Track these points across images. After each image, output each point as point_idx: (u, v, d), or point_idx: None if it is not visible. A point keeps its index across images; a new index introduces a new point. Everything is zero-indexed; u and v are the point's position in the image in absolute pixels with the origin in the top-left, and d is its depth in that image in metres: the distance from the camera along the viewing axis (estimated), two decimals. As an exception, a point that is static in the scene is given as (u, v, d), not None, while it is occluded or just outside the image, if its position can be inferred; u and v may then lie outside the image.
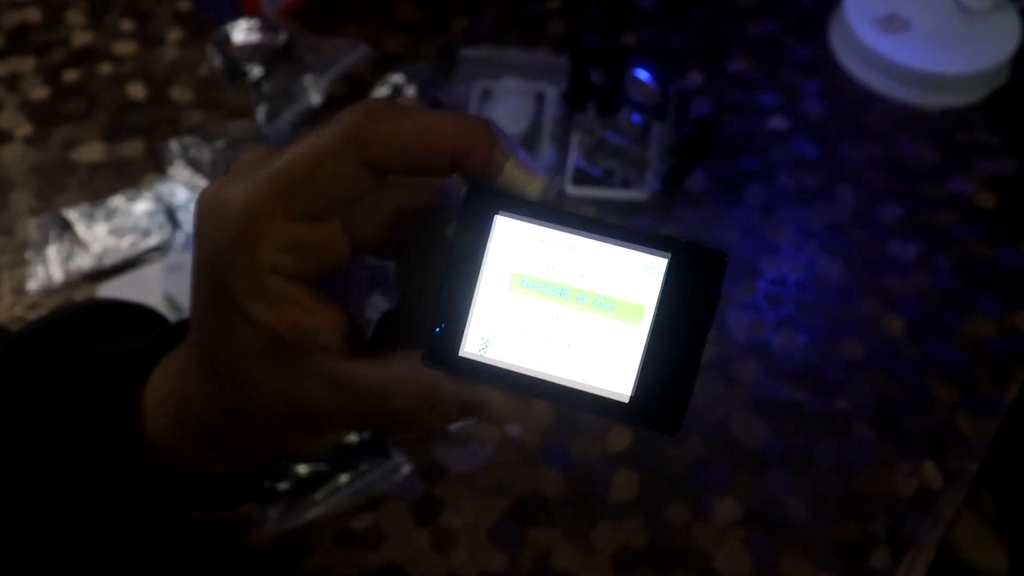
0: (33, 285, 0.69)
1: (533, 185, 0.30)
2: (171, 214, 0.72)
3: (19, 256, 0.70)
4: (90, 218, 0.71)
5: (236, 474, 0.39)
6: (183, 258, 0.69)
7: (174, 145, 0.75)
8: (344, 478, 0.59)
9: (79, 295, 0.68)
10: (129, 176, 0.75)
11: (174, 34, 0.84)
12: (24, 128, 0.78)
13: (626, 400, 0.29)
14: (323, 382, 0.31)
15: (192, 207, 0.74)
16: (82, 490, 0.37)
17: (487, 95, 0.78)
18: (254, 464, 0.38)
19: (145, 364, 0.36)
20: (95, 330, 0.40)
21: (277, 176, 0.29)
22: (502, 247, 0.29)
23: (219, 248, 0.30)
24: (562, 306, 0.29)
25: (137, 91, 0.80)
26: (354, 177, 0.30)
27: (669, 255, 0.29)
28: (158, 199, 0.72)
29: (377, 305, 0.64)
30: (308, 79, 0.78)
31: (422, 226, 0.32)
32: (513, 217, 0.29)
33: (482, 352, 0.29)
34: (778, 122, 0.79)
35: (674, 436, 0.29)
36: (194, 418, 0.34)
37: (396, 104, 0.30)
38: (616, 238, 0.29)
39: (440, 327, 0.29)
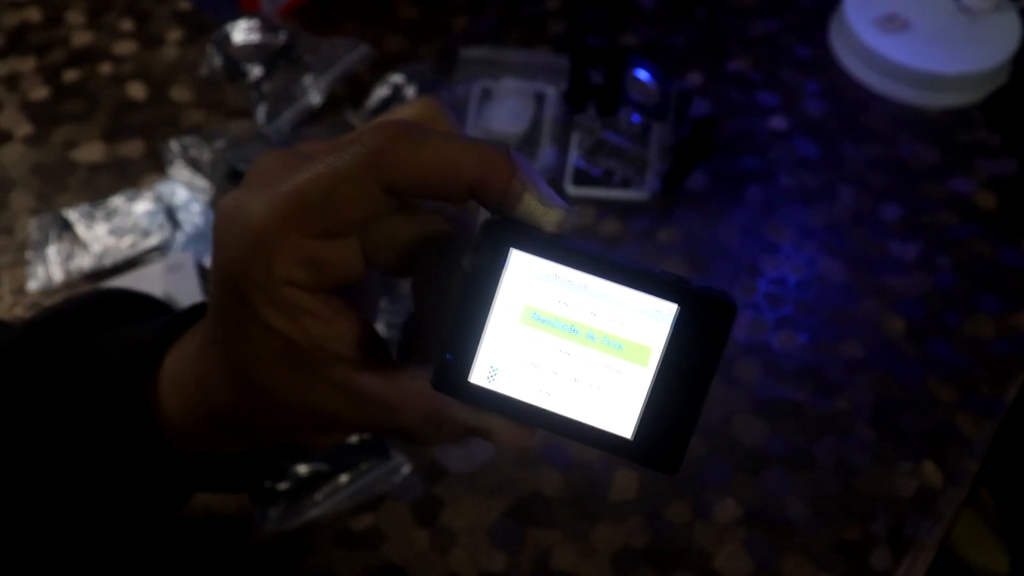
0: (33, 285, 0.69)
1: (550, 217, 0.30)
2: (171, 214, 0.72)
3: (19, 256, 0.70)
4: (90, 218, 0.71)
5: (247, 457, 0.39)
6: (183, 258, 0.69)
7: (174, 145, 0.75)
8: (344, 478, 0.59)
9: (79, 295, 0.68)
10: (129, 176, 0.75)
11: (174, 34, 0.84)
12: (24, 128, 0.78)
13: (628, 438, 0.30)
14: (337, 390, 0.32)
15: (192, 207, 0.75)
16: (97, 469, 0.37)
17: (487, 95, 0.78)
18: (264, 446, 0.39)
19: (159, 347, 0.37)
20: (105, 317, 0.41)
21: (296, 194, 0.30)
22: (515, 281, 0.30)
23: (237, 258, 0.31)
24: (571, 343, 0.30)
25: (137, 91, 0.80)
26: (372, 200, 0.30)
27: (679, 303, 0.29)
28: (158, 199, 0.72)
29: (383, 308, 0.64)
30: (308, 79, 0.78)
31: (438, 248, 0.32)
32: (528, 252, 0.30)
33: (490, 381, 0.30)
34: (778, 122, 0.78)
35: (672, 475, 0.31)
36: (210, 405, 0.35)
37: (418, 128, 0.30)
38: (628, 282, 0.29)
39: (450, 355, 0.30)
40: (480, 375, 0.30)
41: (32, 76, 0.81)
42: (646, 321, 0.29)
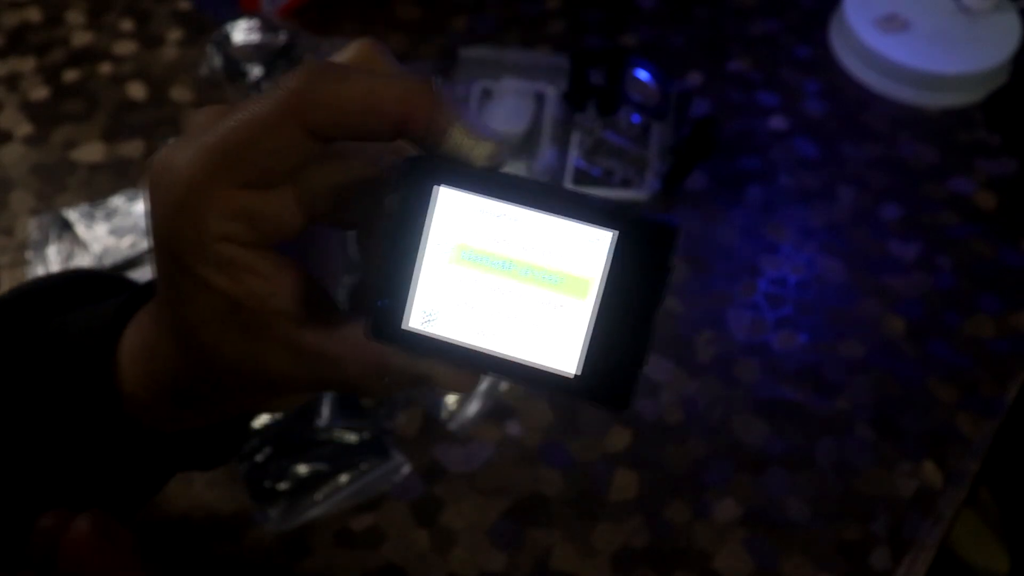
0: (33, 285, 0.69)
1: (480, 150, 0.29)
2: (171, 214, 0.72)
3: (19, 256, 0.70)
4: (90, 218, 0.71)
5: (215, 430, 0.39)
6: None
7: (174, 145, 0.75)
8: (344, 478, 0.59)
9: (79, 295, 0.68)
10: (129, 176, 0.75)
11: (174, 34, 0.84)
12: (24, 128, 0.78)
13: (573, 375, 0.28)
14: (280, 347, 0.31)
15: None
16: (62, 449, 0.37)
17: (487, 95, 0.78)
18: (222, 419, 0.38)
19: (118, 321, 0.36)
20: (71, 298, 0.40)
21: (218, 144, 0.29)
22: (444, 219, 0.28)
23: (168, 216, 0.30)
24: (507, 279, 0.28)
25: (137, 91, 0.80)
26: (297, 144, 0.29)
27: (616, 230, 0.28)
28: (158, 199, 0.72)
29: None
30: (308, 79, 0.78)
31: (375, 195, 0.31)
32: (454, 188, 0.28)
33: (426, 325, 0.29)
34: (778, 122, 0.78)
35: (622, 411, 0.29)
36: (162, 374, 0.34)
37: (337, 66, 0.29)
38: (561, 212, 0.28)
39: (383, 301, 0.29)
40: (416, 320, 0.29)
41: (32, 76, 0.81)
42: (583, 251, 0.28)
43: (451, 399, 0.63)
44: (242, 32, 0.80)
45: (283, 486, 0.59)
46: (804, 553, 0.58)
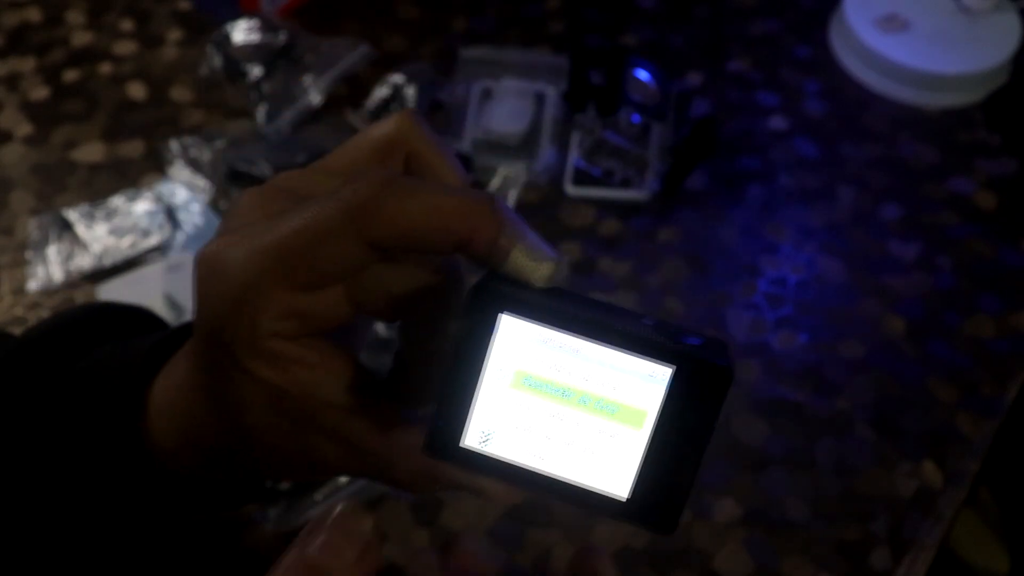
0: (33, 285, 0.69)
1: (540, 272, 0.29)
2: (171, 214, 0.72)
3: (19, 256, 0.70)
4: (90, 218, 0.71)
5: (239, 480, 0.39)
6: (183, 258, 0.69)
7: (174, 145, 0.75)
8: (344, 478, 0.59)
9: (79, 295, 0.68)
10: (129, 176, 0.75)
11: (174, 34, 0.84)
12: (24, 128, 0.78)
13: (623, 499, 0.30)
14: (327, 436, 0.31)
15: (192, 207, 0.75)
16: (88, 492, 0.37)
17: (487, 95, 0.78)
18: (253, 479, 0.39)
19: (149, 369, 0.36)
20: (96, 333, 0.40)
21: (278, 248, 0.29)
22: (505, 345, 0.29)
23: (219, 312, 0.30)
24: (564, 407, 0.29)
25: (137, 91, 0.81)
26: (356, 254, 0.29)
27: (673, 367, 0.29)
28: (158, 199, 0.72)
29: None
30: (308, 79, 0.78)
31: (425, 296, 0.32)
32: (518, 317, 0.29)
33: (482, 445, 0.30)
34: (778, 122, 0.79)
35: (669, 535, 0.30)
36: (196, 438, 0.34)
37: (402, 181, 0.29)
38: (621, 346, 0.29)
39: (441, 421, 0.29)
40: (473, 439, 0.30)
41: (32, 76, 0.81)
42: (640, 384, 0.29)
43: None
44: (242, 32, 0.80)
45: (283, 486, 0.59)
46: (804, 553, 0.58)
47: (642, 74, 0.75)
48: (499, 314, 0.29)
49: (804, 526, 0.59)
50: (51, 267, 0.69)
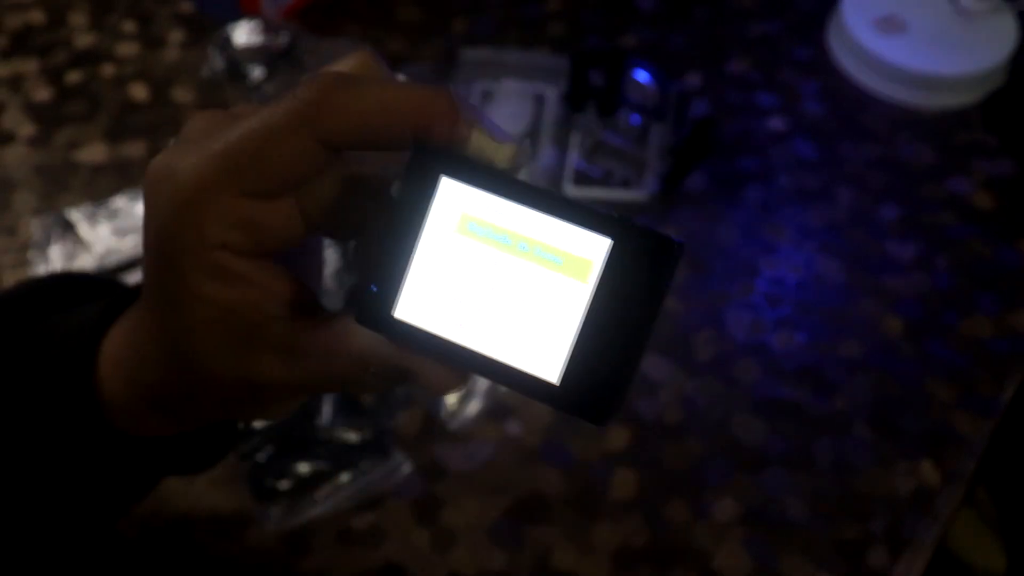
0: (36, 285, 0.69)
1: (503, 153, 0.29)
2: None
3: (22, 256, 0.71)
4: (92, 218, 0.71)
5: (195, 437, 0.38)
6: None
7: (176, 146, 0.76)
8: (345, 477, 0.59)
9: (81, 295, 0.69)
10: (131, 177, 0.75)
11: (176, 35, 0.85)
12: (27, 129, 0.79)
13: (554, 383, 0.28)
14: (270, 350, 0.31)
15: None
16: (39, 453, 0.36)
17: (487, 96, 0.78)
18: (204, 424, 0.38)
19: (100, 326, 0.35)
20: (61, 300, 0.40)
21: (227, 151, 0.28)
22: (445, 209, 0.28)
23: (167, 222, 0.29)
24: (502, 269, 0.28)
25: (139, 92, 0.81)
26: (308, 155, 0.28)
27: (613, 239, 0.27)
28: (160, 200, 0.73)
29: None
30: (309, 80, 0.78)
31: (378, 205, 0.31)
32: (459, 180, 0.28)
33: (415, 315, 0.28)
34: (777, 123, 0.79)
35: (602, 427, 0.28)
36: (145, 381, 0.34)
37: (352, 77, 0.29)
38: (561, 215, 0.27)
39: (375, 286, 0.28)
40: (406, 307, 0.28)
41: (35, 77, 0.82)
42: (578, 257, 0.27)
43: (451, 398, 0.63)
44: (244, 33, 0.80)
45: (284, 485, 0.59)
46: (803, 552, 0.58)
47: (641, 75, 0.75)
48: (441, 175, 0.28)
49: (803, 525, 0.59)
50: (54, 267, 0.70)
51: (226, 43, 0.80)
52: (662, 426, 0.63)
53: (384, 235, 0.28)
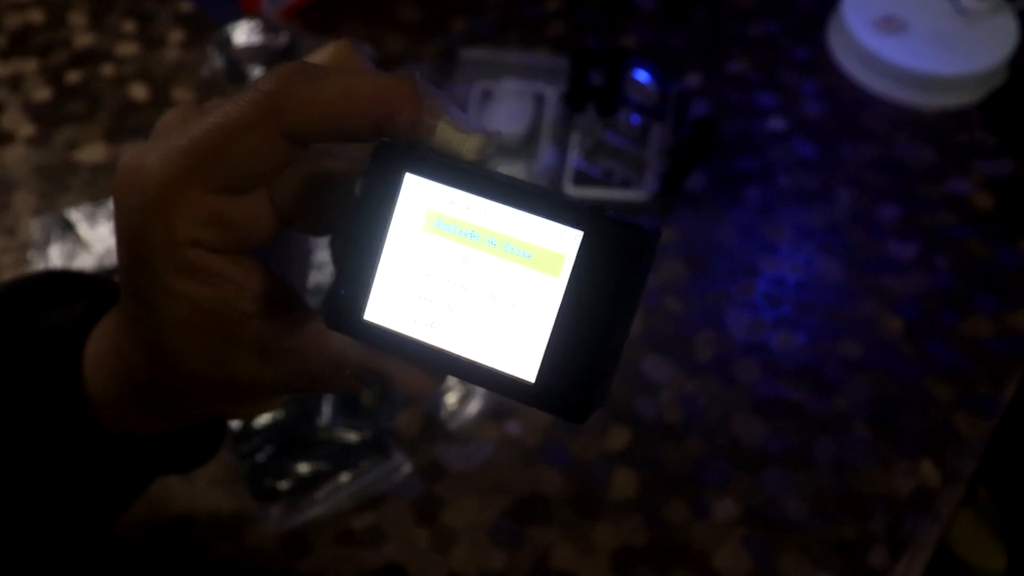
0: (35, 285, 0.69)
1: (470, 144, 0.28)
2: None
3: (21, 256, 0.71)
4: (92, 218, 0.71)
5: (183, 436, 0.38)
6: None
7: (176, 146, 0.75)
8: (345, 477, 0.59)
9: (81, 295, 0.69)
10: (131, 177, 0.75)
11: (176, 35, 0.85)
12: (26, 129, 0.79)
13: (531, 381, 0.27)
14: (245, 349, 0.30)
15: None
16: (26, 454, 0.36)
17: (487, 96, 0.78)
18: (185, 423, 0.37)
19: (83, 326, 0.35)
20: (48, 298, 0.40)
21: (191, 146, 0.28)
22: (411, 207, 0.27)
23: (136, 220, 0.29)
24: (469, 272, 0.27)
25: (139, 92, 0.81)
26: (272, 148, 0.28)
27: (584, 230, 0.26)
28: (160, 200, 0.73)
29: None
30: (309, 80, 0.78)
31: (348, 201, 0.30)
32: (423, 176, 0.27)
33: (386, 318, 0.28)
34: (777, 123, 0.79)
35: (581, 424, 0.26)
36: (127, 380, 0.34)
37: (314, 66, 0.28)
38: (530, 208, 0.26)
39: (344, 290, 0.28)
40: (376, 310, 0.27)
41: (35, 77, 0.82)
42: (549, 251, 0.26)
43: (451, 398, 0.63)
44: (244, 33, 0.80)
45: (284, 485, 0.59)
46: (803, 552, 0.58)
47: (641, 75, 0.75)
48: (405, 172, 0.27)
49: (803, 525, 0.59)
50: (53, 267, 0.70)
51: (226, 43, 0.80)
52: (662, 426, 0.63)
53: (350, 236, 0.28)
